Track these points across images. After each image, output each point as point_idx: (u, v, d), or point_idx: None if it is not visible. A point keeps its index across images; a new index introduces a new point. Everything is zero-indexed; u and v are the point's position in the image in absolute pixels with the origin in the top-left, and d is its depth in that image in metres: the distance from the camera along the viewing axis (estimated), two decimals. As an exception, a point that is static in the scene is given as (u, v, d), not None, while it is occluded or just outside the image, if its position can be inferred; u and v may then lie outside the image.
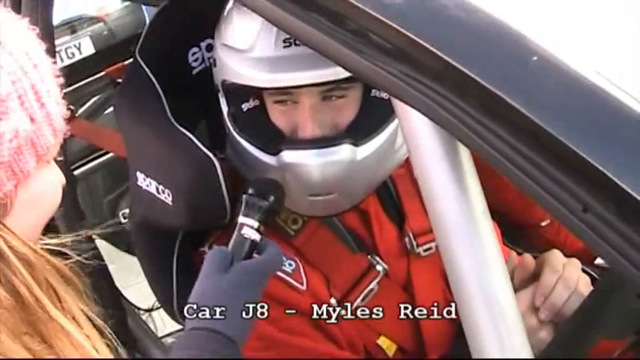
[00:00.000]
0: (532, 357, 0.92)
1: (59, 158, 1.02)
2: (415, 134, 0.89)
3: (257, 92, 1.37)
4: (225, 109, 1.42)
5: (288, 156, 1.32)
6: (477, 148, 0.79)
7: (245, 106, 1.40)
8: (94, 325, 0.98)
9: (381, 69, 0.86)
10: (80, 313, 0.96)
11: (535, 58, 0.72)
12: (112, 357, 0.99)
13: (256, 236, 1.24)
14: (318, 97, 1.32)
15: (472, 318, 0.90)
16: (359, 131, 1.34)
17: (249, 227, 1.24)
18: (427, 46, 0.80)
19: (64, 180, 1.03)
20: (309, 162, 1.31)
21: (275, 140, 1.36)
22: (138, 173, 1.50)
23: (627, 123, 0.70)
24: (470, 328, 0.91)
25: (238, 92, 1.37)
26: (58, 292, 0.93)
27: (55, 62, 0.98)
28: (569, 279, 1.29)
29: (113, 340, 1.01)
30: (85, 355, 0.93)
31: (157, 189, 1.46)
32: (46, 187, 0.98)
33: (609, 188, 0.70)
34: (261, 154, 1.36)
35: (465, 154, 0.88)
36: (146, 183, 1.48)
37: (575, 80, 0.71)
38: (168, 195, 1.44)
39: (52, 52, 1.71)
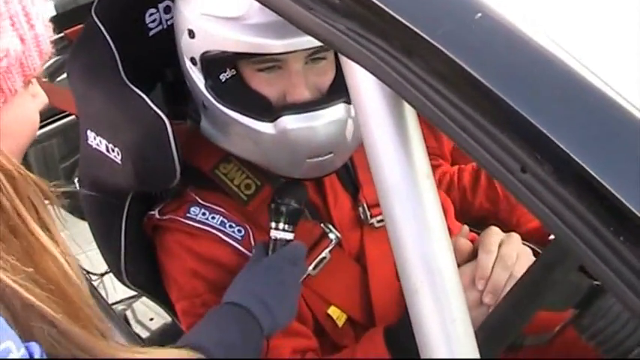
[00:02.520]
0: (470, 326, 0.92)
1: None
2: (361, 93, 0.88)
3: (234, 61, 1.36)
4: (200, 82, 1.40)
5: (287, 121, 1.32)
6: (421, 106, 0.78)
7: (223, 77, 1.39)
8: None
9: (330, 25, 0.85)
10: (57, 230, 0.97)
11: (479, 15, 0.71)
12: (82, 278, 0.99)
13: (286, 236, 1.37)
14: (303, 61, 1.33)
15: (411, 282, 0.90)
16: (342, 90, 1.33)
17: (277, 230, 1.37)
18: (375, 2, 0.79)
19: (46, 101, 1.05)
20: (309, 124, 1.33)
21: (265, 107, 1.36)
22: (88, 132, 1.48)
23: (569, 83, 0.70)
24: (409, 292, 0.91)
25: (216, 63, 1.36)
26: (38, 210, 0.94)
27: None
28: (506, 258, 1.29)
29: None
30: (61, 268, 0.93)
31: (107, 147, 1.44)
32: (25, 110, 0.99)
33: (548, 149, 0.69)
34: (256, 123, 1.35)
35: (411, 115, 0.88)
36: (96, 142, 1.46)
37: (518, 38, 0.71)
38: (118, 154, 1.42)
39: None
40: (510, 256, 1.29)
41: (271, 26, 1.26)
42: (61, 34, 2.35)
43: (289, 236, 1.37)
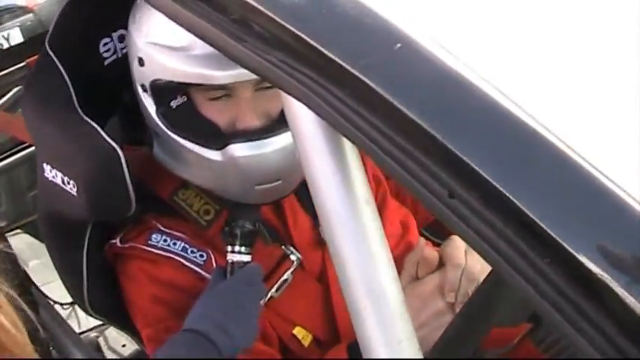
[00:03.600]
0: (417, 346, 0.93)
1: None
2: (297, 122, 0.89)
3: (184, 89, 1.36)
4: (152, 108, 1.40)
5: (235, 149, 1.33)
6: (351, 135, 0.79)
7: (174, 104, 1.39)
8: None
9: (262, 58, 0.86)
10: None
11: (398, 45, 0.72)
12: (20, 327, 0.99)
13: (243, 258, 1.39)
14: (252, 89, 1.33)
15: (356, 306, 0.91)
16: None
17: (233, 253, 1.38)
18: (301, 35, 0.81)
19: None
20: (256, 152, 1.33)
21: (215, 135, 1.36)
22: (44, 165, 1.48)
23: (488, 110, 0.71)
24: (354, 315, 0.92)
25: (167, 90, 1.36)
26: None
27: None
28: (472, 269, 1.31)
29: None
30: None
31: (63, 180, 1.44)
32: None
33: (473, 176, 0.71)
34: (204, 151, 1.36)
35: (349, 143, 0.89)
36: (52, 174, 1.46)
37: (437, 67, 0.72)
38: (73, 186, 1.42)
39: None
40: (475, 266, 1.32)
41: (216, 57, 1.26)
42: (23, 64, 2.34)
43: (246, 258, 1.38)
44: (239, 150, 1.33)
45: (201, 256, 1.46)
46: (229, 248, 1.38)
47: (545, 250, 0.69)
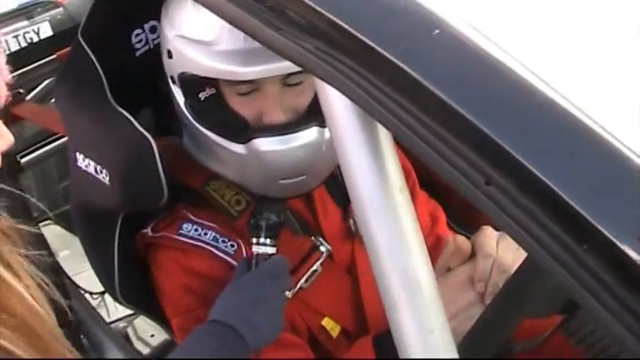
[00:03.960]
0: (450, 336, 0.93)
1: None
2: (332, 110, 0.89)
3: (212, 81, 1.37)
4: (181, 99, 1.41)
5: (259, 144, 1.33)
6: (387, 122, 0.79)
7: (202, 95, 1.40)
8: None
9: (299, 46, 0.86)
10: (20, 266, 0.97)
11: (437, 31, 0.72)
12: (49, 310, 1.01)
13: (268, 250, 1.38)
14: (280, 84, 1.34)
15: (389, 294, 0.91)
16: (320, 112, 1.34)
17: (259, 245, 1.37)
18: (338, 21, 0.81)
19: (11, 141, 1.04)
20: (281, 147, 1.33)
21: (241, 128, 1.37)
22: (77, 154, 1.50)
23: (528, 96, 0.71)
24: (388, 304, 0.92)
25: (195, 82, 1.37)
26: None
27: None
28: (503, 260, 1.30)
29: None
30: (25, 303, 0.94)
31: (95, 169, 1.45)
32: None
33: (510, 162, 0.70)
34: (229, 144, 1.37)
35: (383, 130, 0.88)
36: (85, 163, 1.48)
37: (476, 53, 0.72)
38: (106, 175, 1.43)
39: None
40: (506, 257, 1.30)
41: (241, 53, 1.27)
42: (53, 56, 2.36)
43: (271, 250, 1.38)
44: (264, 144, 1.34)
45: (232, 246, 1.46)
46: (254, 240, 1.38)
47: (582, 237, 0.68)
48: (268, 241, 1.37)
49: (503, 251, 1.31)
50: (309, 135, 1.34)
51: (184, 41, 1.35)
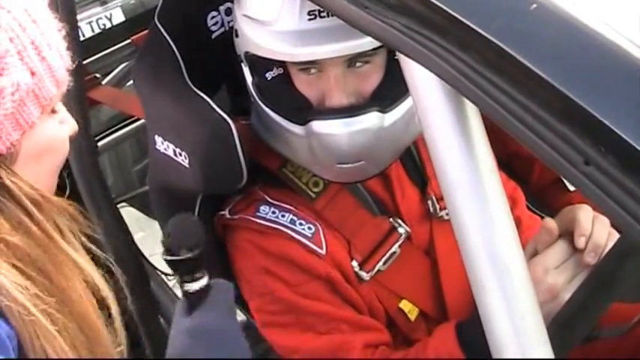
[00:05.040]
0: (541, 321, 0.90)
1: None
2: (420, 89, 0.87)
3: (280, 61, 1.36)
4: (249, 78, 1.41)
5: (317, 126, 1.32)
6: (479, 100, 0.77)
7: (269, 75, 1.39)
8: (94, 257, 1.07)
9: (385, 23, 0.85)
10: (79, 245, 1.04)
11: (534, 5, 0.70)
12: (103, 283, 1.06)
13: (200, 285, 1.16)
14: (343, 66, 1.32)
15: (478, 278, 0.89)
16: (385, 97, 1.33)
17: (189, 283, 1.16)
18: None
19: (75, 127, 1.08)
20: (338, 131, 1.31)
21: (302, 110, 1.36)
22: (156, 137, 1.51)
23: (629, 72, 0.68)
24: (476, 289, 0.90)
25: (262, 62, 1.37)
26: (62, 229, 1.01)
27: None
28: (603, 219, 1.23)
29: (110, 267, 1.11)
30: (89, 280, 1.02)
31: (175, 152, 1.46)
32: (50, 137, 1.03)
33: (611, 140, 0.68)
34: (289, 124, 1.36)
35: (472, 109, 0.86)
36: (164, 146, 1.49)
37: (575, 28, 0.69)
38: (185, 158, 1.44)
39: (72, 22, 1.70)
40: (603, 235, 1.22)
41: (296, 34, 1.26)
42: (128, 41, 2.39)
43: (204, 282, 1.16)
44: (321, 127, 1.31)
45: (309, 228, 1.45)
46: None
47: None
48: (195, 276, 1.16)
49: (599, 228, 1.25)
50: (367, 120, 1.31)
51: (247, 20, 1.34)
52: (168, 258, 1.12)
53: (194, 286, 1.15)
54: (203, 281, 1.15)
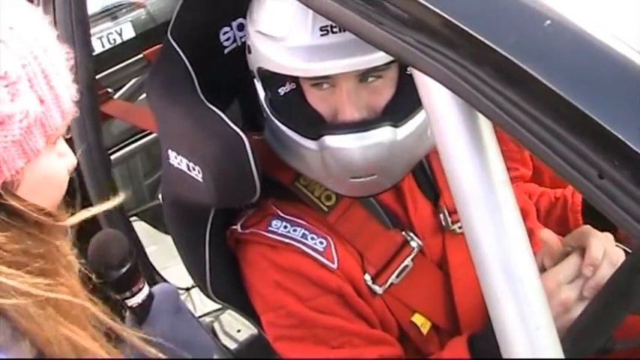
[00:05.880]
0: (555, 334, 0.91)
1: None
2: (433, 103, 0.88)
3: (293, 76, 1.37)
4: (261, 94, 1.42)
5: (330, 141, 1.32)
6: (492, 115, 0.78)
7: (282, 90, 1.40)
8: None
9: (400, 39, 0.86)
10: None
11: (548, 22, 0.70)
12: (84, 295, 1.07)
13: (142, 297, 1.23)
14: (355, 80, 1.32)
15: (492, 291, 0.89)
16: (397, 112, 1.34)
17: (129, 299, 1.23)
18: (442, 14, 0.80)
19: (74, 162, 1.08)
20: (350, 146, 1.31)
21: (315, 124, 1.36)
22: (169, 151, 1.52)
23: (643, 87, 0.69)
24: (490, 301, 0.91)
25: (275, 77, 1.37)
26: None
27: (68, 53, 1.03)
28: (612, 255, 1.23)
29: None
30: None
31: (188, 166, 1.47)
32: (50, 169, 1.02)
33: (625, 154, 0.68)
34: (302, 139, 1.37)
35: (485, 123, 0.87)
36: (177, 161, 1.49)
37: (589, 43, 0.70)
38: (199, 172, 1.45)
39: (86, 38, 1.72)
40: (616, 253, 1.23)
41: (307, 49, 1.27)
42: (140, 55, 2.41)
43: (145, 294, 1.26)
44: (333, 141, 1.32)
45: (321, 242, 1.46)
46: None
47: None
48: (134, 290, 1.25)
49: (610, 245, 1.25)
50: (380, 134, 1.31)
51: (260, 36, 1.35)
52: (100, 282, 1.13)
53: (136, 300, 1.22)
54: (144, 293, 1.23)
